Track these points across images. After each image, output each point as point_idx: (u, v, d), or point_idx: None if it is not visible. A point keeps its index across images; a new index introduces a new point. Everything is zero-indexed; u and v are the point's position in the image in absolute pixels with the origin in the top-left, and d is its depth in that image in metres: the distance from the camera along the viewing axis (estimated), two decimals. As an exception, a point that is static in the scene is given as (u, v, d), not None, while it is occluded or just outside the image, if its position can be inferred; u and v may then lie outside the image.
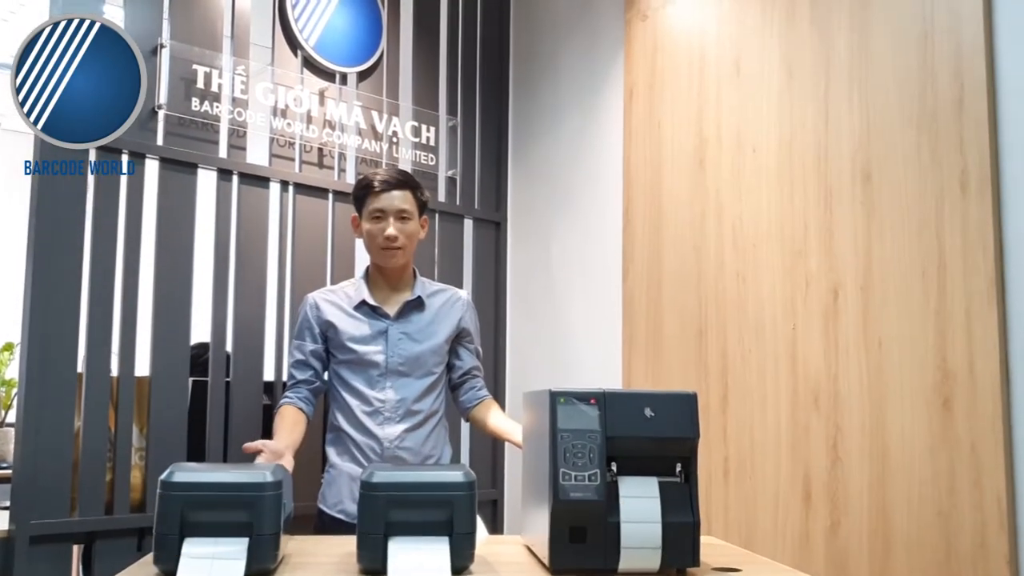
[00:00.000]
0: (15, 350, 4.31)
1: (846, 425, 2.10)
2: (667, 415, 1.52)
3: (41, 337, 2.09)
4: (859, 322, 2.09)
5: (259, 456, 1.83)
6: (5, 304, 2.16)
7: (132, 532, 2.20)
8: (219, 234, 2.45)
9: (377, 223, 2.15)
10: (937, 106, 1.96)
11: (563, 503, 1.47)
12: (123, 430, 2.21)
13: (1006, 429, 1.80)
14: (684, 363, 2.54)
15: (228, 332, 2.47)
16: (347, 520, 2.10)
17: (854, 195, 2.12)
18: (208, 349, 2.46)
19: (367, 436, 2.13)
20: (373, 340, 2.17)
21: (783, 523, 2.23)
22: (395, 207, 2.15)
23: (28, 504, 2.03)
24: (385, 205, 2.15)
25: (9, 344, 4.31)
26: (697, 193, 2.54)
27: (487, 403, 2.31)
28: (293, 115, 2.61)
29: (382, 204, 2.15)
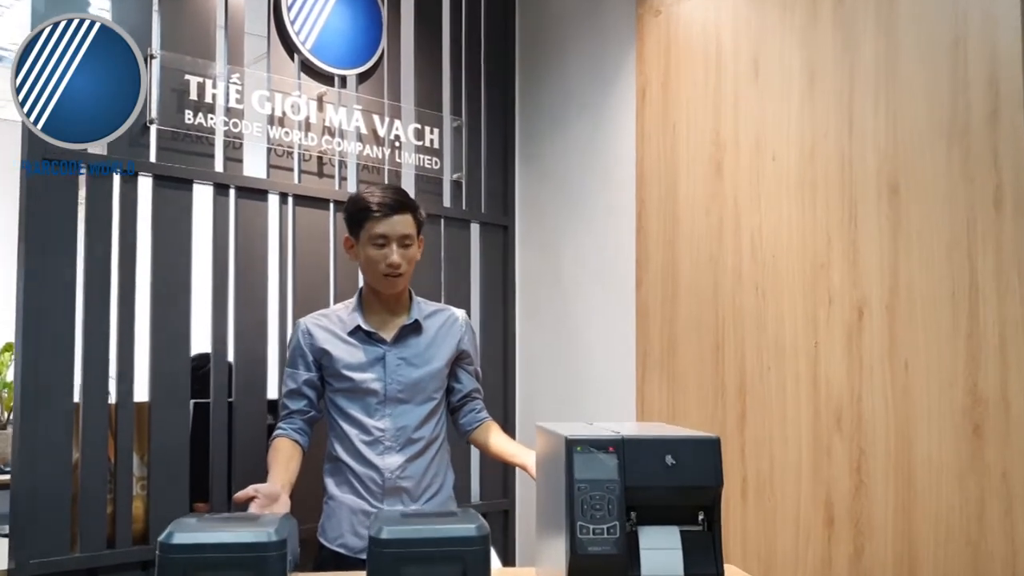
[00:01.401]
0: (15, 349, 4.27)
1: (870, 448, 2.03)
2: (689, 462, 1.45)
3: (35, 367, 2.01)
4: (884, 342, 2.00)
5: (252, 504, 1.75)
6: (5, 304, 2.09)
7: (135, 565, 2.13)
8: (217, 250, 2.36)
9: (379, 249, 2.06)
10: (970, 117, 1.87)
11: (581, 558, 1.40)
12: (123, 459, 2.14)
13: (1042, 460, 1.73)
14: (700, 378, 2.46)
15: (229, 349, 2.39)
16: (348, 555, 2.04)
17: (880, 209, 2.03)
18: (208, 360, 2.38)
19: (367, 467, 2.06)
20: (370, 367, 2.09)
21: (804, 547, 2.16)
22: (398, 233, 2.06)
23: (27, 542, 1.96)
24: (387, 231, 2.05)
25: (9, 344, 4.25)
26: (714, 200, 2.44)
27: (487, 425, 2.24)
28: (291, 123, 2.51)
29: (384, 230, 2.05)
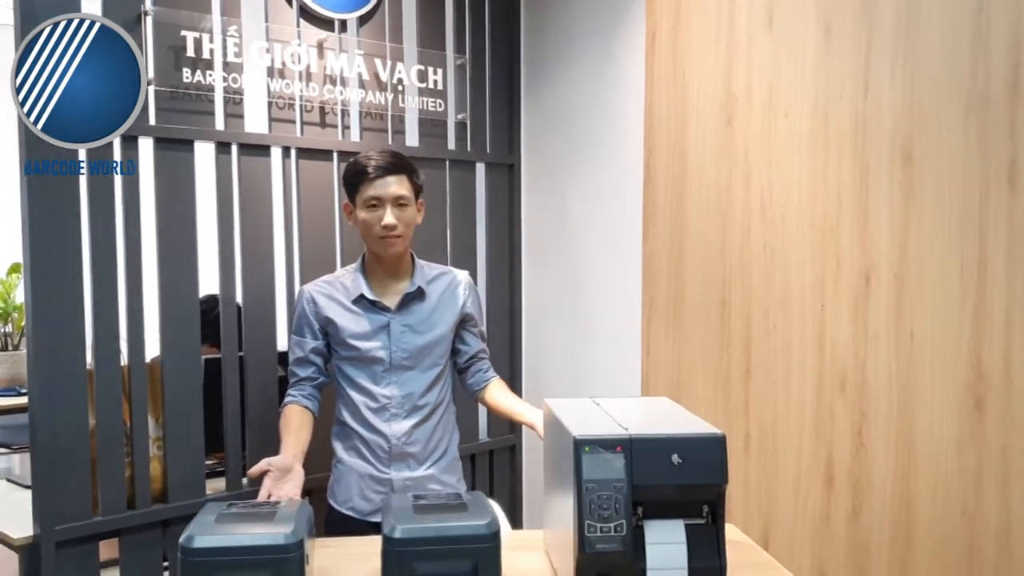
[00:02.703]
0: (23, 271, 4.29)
1: (872, 413, 2.06)
2: (694, 461, 1.47)
3: (47, 335, 2.03)
4: (891, 311, 2.01)
5: (266, 476, 1.80)
6: (11, 225, 2.09)
7: (156, 525, 2.21)
8: (222, 207, 2.34)
9: (373, 211, 2.04)
10: (990, 87, 1.81)
11: (589, 555, 1.45)
12: (138, 422, 2.19)
13: (1041, 437, 1.76)
14: (706, 331, 2.48)
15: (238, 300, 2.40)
16: (357, 517, 2.11)
17: (892, 175, 1.99)
18: (217, 303, 2.41)
19: (374, 433, 2.11)
20: (375, 335, 2.10)
21: (804, 503, 2.23)
22: (391, 194, 2.04)
23: (51, 509, 2.03)
24: (381, 192, 2.03)
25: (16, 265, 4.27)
26: (724, 153, 2.40)
27: (494, 384, 2.27)
28: (291, 74, 2.44)
29: (378, 191, 2.03)
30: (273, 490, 1.82)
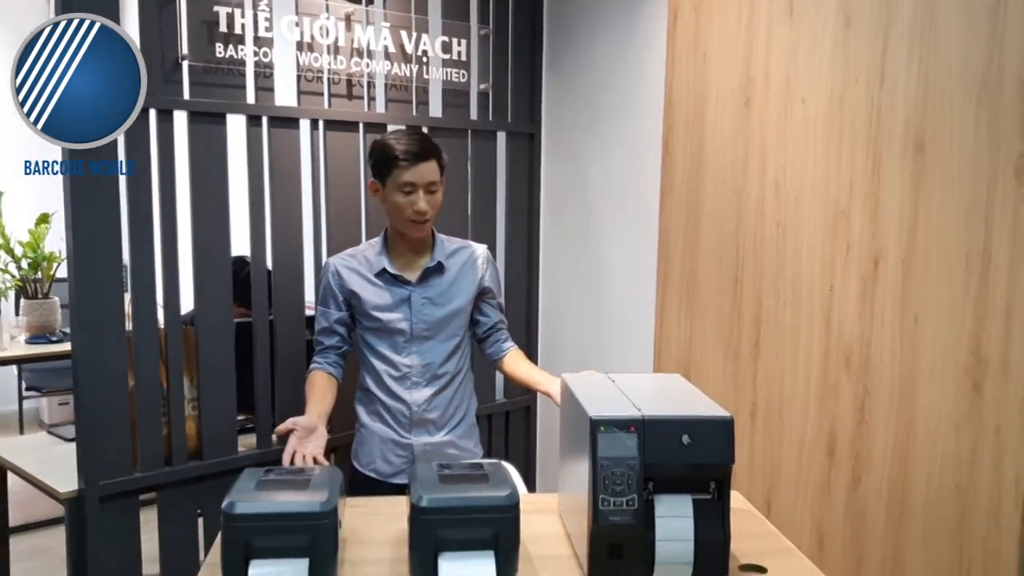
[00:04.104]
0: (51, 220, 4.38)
1: (875, 390, 2.15)
2: (703, 441, 1.57)
3: (88, 302, 2.13)
4: (897, 294, 2.08)
5: (291, 435, 1.91)
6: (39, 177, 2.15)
7: (192, 480, 2.35)
8: (252, 179, 2.43)
9: (406, 196, 2.12)
10: (1002, 83, 1.86)
11: (603, 527, 1.56)
12: (175, 383, 2.31)
13: (1033, 421, 1.84)
14: (718, 307, 2.56)
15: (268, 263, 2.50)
16: (379, 479, 2.23)
17: (904, 164, 2.05)
18: (245, 264, 2.51)
19: (396, 400, 2.22)
20: (397, 307, 2.20)
21: (806, 472, 2.33)
22: (425, 180, 2.11)
23: (94, 465, 2.16)
24: (415, 179, 2.11)
25: (44, 215, 4.36)
26: (741, 134, 2.46)
27: (512, 354, 2.36)
28: (320, 47, 2.50)
29: (412, 178, 2.11)
30: (298, 448, 1.92)
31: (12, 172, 2.90)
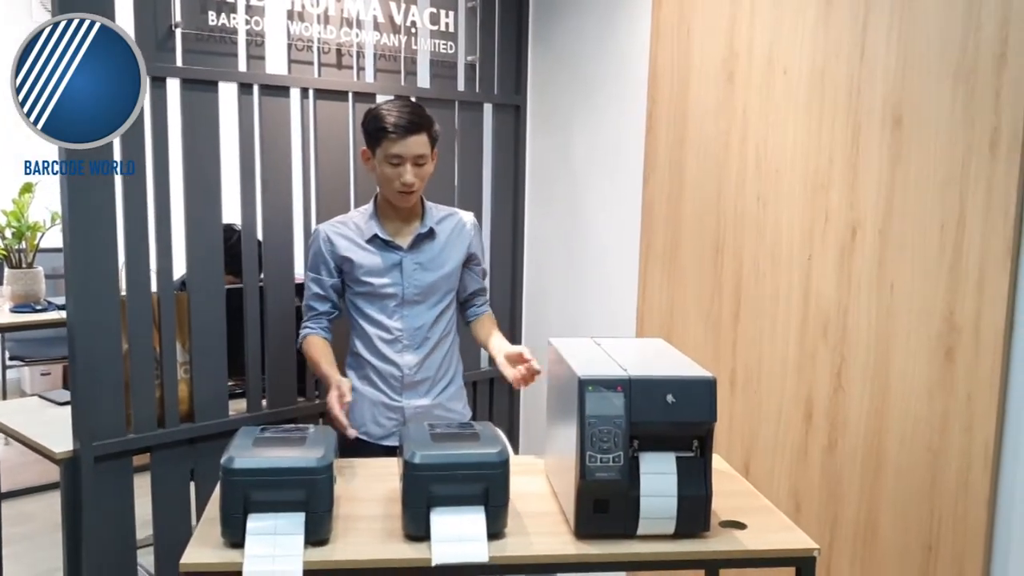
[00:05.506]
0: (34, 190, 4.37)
1: (851, 357, 2.22)
2: (687, 400, 1.63)
3: (83, 268, 2.15)
4: (873, 263, 2.15)
5: (332, 395, 2.03)
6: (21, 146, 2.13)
7: (184, 442, 2.39)
8: (244, 146, 2.45)
9: (394, 168, 2.16)
10: (978, 59, 1.92)
11: (590, 482, 1.62)
12: (167, 347, 2.34)
13: (1002, 386, 1.92)
14: (699, 276, 2.62)
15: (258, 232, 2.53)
16: (370, 441, 2.28)
17: (882, 138, 2.11)
18: (235, 233, 2.54)
19: (387, 363, 2.26)
20: (388, 272, 2.25)
21: (784, 437, 2.41)
22: (412, 153, 2.15)
23: (89, 427, 2.19)
24: (403, 151, 2.15)
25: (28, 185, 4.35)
26: (724, 108, 2.51)
27: (482, 319, 2.43)
28: (310, 17, 2.52)
29: (399, 150, 2.15)
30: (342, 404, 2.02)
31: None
